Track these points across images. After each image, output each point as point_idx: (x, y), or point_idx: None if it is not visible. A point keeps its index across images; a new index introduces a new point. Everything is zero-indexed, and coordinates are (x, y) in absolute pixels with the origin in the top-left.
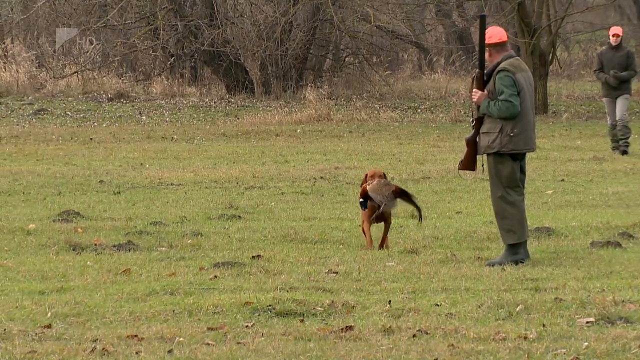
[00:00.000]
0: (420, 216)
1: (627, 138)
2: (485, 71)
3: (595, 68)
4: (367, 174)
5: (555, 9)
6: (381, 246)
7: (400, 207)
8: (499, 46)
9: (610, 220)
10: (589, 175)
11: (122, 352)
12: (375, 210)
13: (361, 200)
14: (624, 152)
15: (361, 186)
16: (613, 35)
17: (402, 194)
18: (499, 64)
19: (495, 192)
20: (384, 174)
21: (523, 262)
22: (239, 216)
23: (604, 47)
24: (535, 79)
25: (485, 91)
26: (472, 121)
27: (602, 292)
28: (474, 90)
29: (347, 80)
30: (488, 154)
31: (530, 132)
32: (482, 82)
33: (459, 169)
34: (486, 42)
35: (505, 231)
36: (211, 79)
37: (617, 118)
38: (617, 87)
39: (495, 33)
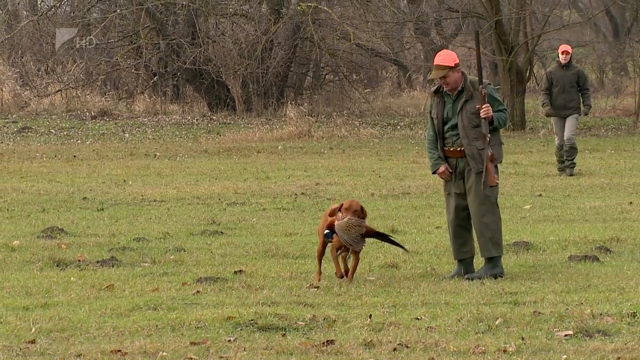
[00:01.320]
0: (404, 249)
1: (573, 159)
2: (458, 89)
3: (544, 87)
4: (342, 204)
5: (532, 27)
6: (349, 277)
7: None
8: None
9: (587, 235)
10: (566, 190)
11: None
12: (341, 244)
13: (327, 231)
14: (571, 174)
15: (330, 214)
16: (562, 53)
17: (375, 236)
18: (466, 80)
19: (487, 205)
20: (361, 208)
21: (502, 276)
22: (221, 232)
23: (552, 66)
24: (512, 96)
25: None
26: (488, 138)
27: (580, 305)
28: (485, 105)
29: (327, 97)
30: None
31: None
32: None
33: (490, 186)
34: (453, 64)
35: (493, 244)
36: (193, 96)
37: (565, 138)
38: (566, 107)
39: (453, 53)
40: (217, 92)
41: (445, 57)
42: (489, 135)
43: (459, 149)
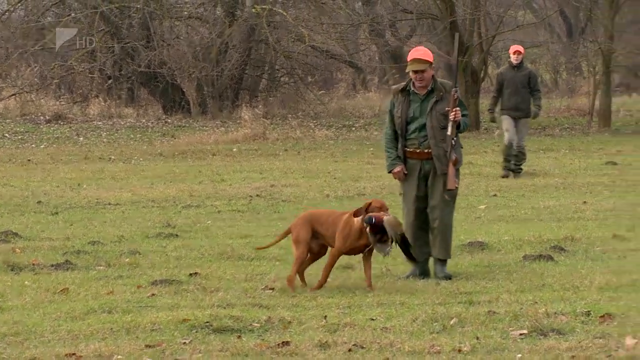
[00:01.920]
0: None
1: (521, 164)
2: (428, 89)
3: (494, 89)
4: (370, 203)
5: (487, 28)
6: (369, 283)
7: None
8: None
9: (542, 234)
10: (520, 190)
11: None
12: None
13: (372, 223)
14: (516, 175)
15: (356, 214)
16: (514, 53)
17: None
18: (436, 81)
19: (451, 207)
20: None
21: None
22: (176, 234)
23: (503, 67)
24: (467, 96)
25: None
26: (453, 141)
27: (534, 304)
28: (456, 108)
29: (282, 99)
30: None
31: None
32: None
33: (449, 189)
34: (431, 60)
35: (450, 246)
36: (148, 99)
37: (516, 145)
38: (518, 108)
39: (429, 50)
40: (171, 95)
41: (425, 53)
42: (454, 138)
43: (426, 150)
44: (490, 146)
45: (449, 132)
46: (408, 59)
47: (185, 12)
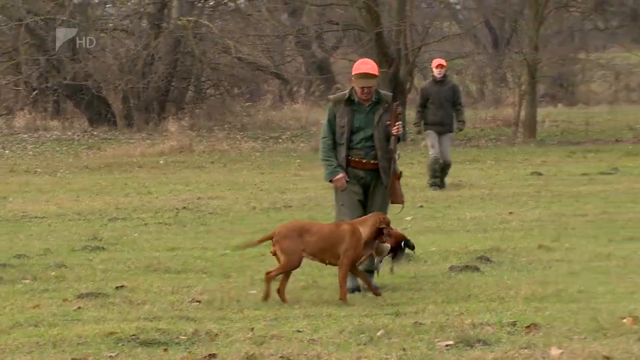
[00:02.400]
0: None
1: (445, 177)
2: (373, 100)
3: (418, 104)
4: (380, 219)
5: (412, 39)
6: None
7: None
8: None
9: (468, 245)
10: (447, 201)
11: None
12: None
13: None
14: (439, 188)
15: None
16: (437, 67)
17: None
18: (379, 92)
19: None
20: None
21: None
22: (103, 247)
23: (427, 81)
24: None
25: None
26: (398, 155)
27: (460, 315)
28: (398, 122)
29: (208, 111)
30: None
31: None
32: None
33: (399, 203)
34: (377, 72)
35: None
36: (74, 112)
37: (442, 160)
38: (443, 123)
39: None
40: (97, 107)
41: (372, 67)
42: (398, 152)
43: (372, 161)
44: (417, 157)
45: (391, 146)
46: (355, 72)
47: (111, 24)
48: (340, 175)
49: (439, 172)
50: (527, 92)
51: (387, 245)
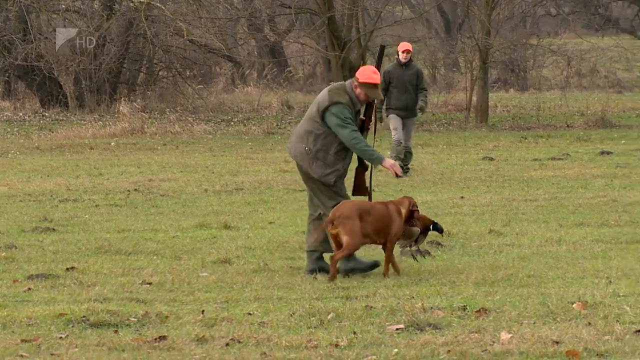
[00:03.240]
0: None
1: (408, 164)
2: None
3: (382, 87)
4: (412, 202)
5: (365, 23)
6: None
7: None
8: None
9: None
10: (398, 185)
11: None
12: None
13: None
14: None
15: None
16: (403, 52)
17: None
18: None
19: None
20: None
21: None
22: (53, 229)
23: (391, 65)
24: None
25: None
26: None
27: (411, 299)
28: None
29: (160, 93)
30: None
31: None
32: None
33: (361, 195)
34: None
35: None
36: (25, 93)
37: (403, 145)
38: (407, 107)
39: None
40: (49, 88)
41: (379, 76)
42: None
43: None
44: (369, 141)
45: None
46: (366, 81)
47: (63, 5)
48: (393, 161)
49: (402, 155)
50: (479, 77)
51: (417, 229)
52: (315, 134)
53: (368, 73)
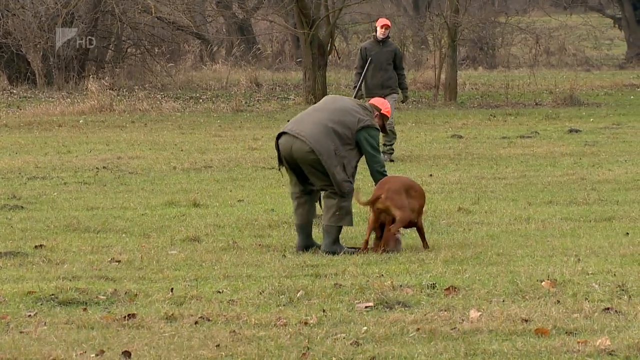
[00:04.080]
0: None
1: (392, 144)
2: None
3: (357, 65)
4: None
5: (334, 0)
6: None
7: None
8: None
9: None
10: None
11: None
12: None
13: None
14: (391, 160)
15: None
16: (382, 27)
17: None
18: None
19: None
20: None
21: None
22: (22, 206)
23: (367, 42)
24: (314, 69)
25: None
26: None
27: (380, 277)
28: None
29: (129, 71)
30: None
31: (296, 119)
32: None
33: None
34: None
35: None
36: None
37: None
38: (384, 85)
39: None
40: (17, 65)
41: None
42: None
43: None
44: None
45: None
46: (388, 116)
47: None
48: None
49: (384, 142)
50: (447, 55)
51: None
52: (345, 141)
53: (388, 106)
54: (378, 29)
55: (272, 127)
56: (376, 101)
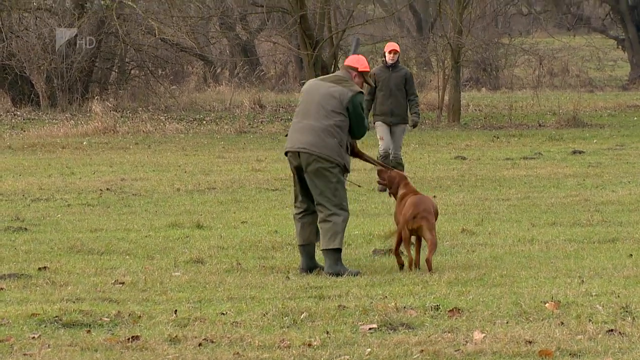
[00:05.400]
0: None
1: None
2: None
3: (367, 91)
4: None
5: (337, 22)
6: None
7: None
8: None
9: (392, 229)
10: (371, 184)
11: None
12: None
13: None
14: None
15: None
16: (390, 52)
17: None
18: None
19: None
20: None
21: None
22: (25, 228)
23: (377, 67)
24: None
25: None
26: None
27: (384, 299)
28: None
29: (132, 92)
30: None
31: (293, 133)
32: None
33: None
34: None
35: None
36: None
37: (392, 156)
38: (394, 113)
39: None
40: (21, 87)
41: None
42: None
43: None
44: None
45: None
46: (367, 71)
47: (34, 4)
48: None
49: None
50: (451, 76)
51: None
52: (342, 127)
53: (364, 62)
54: (386, 54)
55: (276, 148)
56: (349, 60)
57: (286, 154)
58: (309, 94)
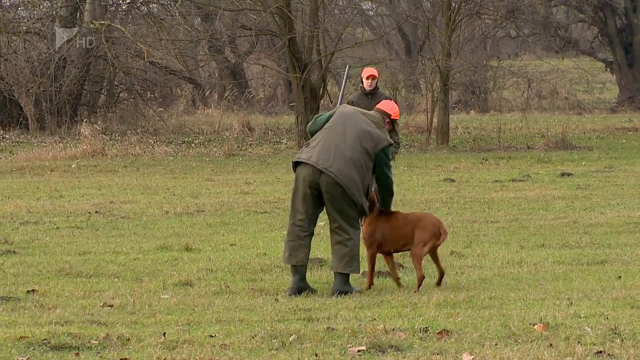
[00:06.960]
0: None
1: None
2: None
3: None
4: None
5: (325, 45)
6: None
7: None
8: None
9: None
10: None
11: None
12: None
13: None
14: None
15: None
16: (368, 78)
17: None
18: None
19: None
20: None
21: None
22: (14, 251)
23: (355, 94)
24: (306, 113)
25: None
26: None
27: (373, 321)
28: None
29: (121, 115)
30: None
31: (321, 149)
32: None
33: None
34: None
35: None
36: None
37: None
38: None
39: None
40: (9, 110)
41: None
42: None
43: None
44: None
45: None
46: (398, 119)
47: (23, 27)
48: None
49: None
50: (439, 98)
51: None
52: (368, 169)
53: (397, 109)
54: (364, 80)
55: (265, 171)
56: (384, 106)
57: (298, 164)
58: (348, 120)
